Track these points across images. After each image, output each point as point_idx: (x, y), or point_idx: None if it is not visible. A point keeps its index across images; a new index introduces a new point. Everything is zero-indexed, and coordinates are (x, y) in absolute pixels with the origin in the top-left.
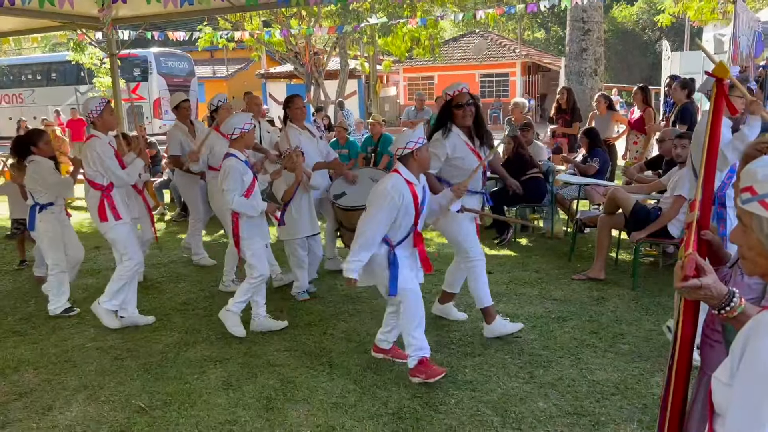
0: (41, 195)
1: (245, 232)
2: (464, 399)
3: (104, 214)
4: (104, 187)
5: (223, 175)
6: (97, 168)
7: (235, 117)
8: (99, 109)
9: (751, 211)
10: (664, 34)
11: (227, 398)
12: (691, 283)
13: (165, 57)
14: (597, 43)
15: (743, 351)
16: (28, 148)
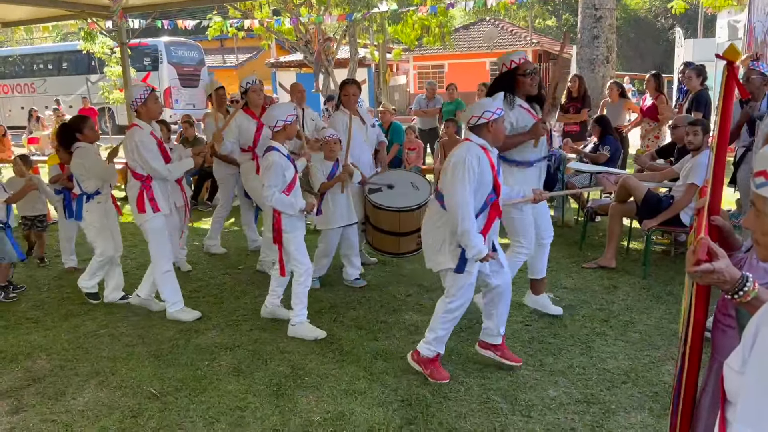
0: (89, 183)
1: (287, 226)
2: (474, 386)
3: (142, 204)
4: (144, 178)
5: (265, 170)
6: (134, 158)
7: (278, 108)
8: (143, 97)
9: (765, 195)
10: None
11: (238, 384)
12: (703, 267)
13: (175, 46)
14: (609, 30)
15: (755, 338)
16: (74, 134)
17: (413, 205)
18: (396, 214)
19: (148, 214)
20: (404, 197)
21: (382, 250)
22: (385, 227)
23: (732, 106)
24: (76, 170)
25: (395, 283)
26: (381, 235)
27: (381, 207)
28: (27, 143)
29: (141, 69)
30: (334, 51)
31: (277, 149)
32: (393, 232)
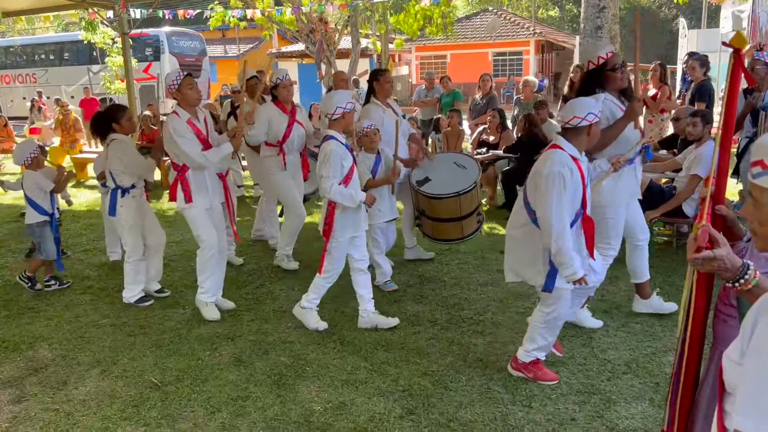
0: (124, 177)
1: (339, 222)
2: (474, 376)
3: (175, 193)
4: (180, 167)
5: (323, 160)
6: (171, 147)
7: (337, 95)
8: (176, 84)
9: (762, 185)
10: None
11: (239, 374)
12: (704, 255)
13: (177, 36)
14: (612, 20)
15: (753, 329)
16: (109, 125)
17: (469, 185)
18: (456, 200)
19: (180, 204)
20: (455, 179)
21: (446, 239)
22: (445, 215)
23: (738, 93)
24: (112, 165)
25: (396, 273)
26: (442, 225)
27: (439, 197)
28: (29, 134)
29: (142, 59)
30: (335, 41)
31: (335, 138)
32: (454, 218)
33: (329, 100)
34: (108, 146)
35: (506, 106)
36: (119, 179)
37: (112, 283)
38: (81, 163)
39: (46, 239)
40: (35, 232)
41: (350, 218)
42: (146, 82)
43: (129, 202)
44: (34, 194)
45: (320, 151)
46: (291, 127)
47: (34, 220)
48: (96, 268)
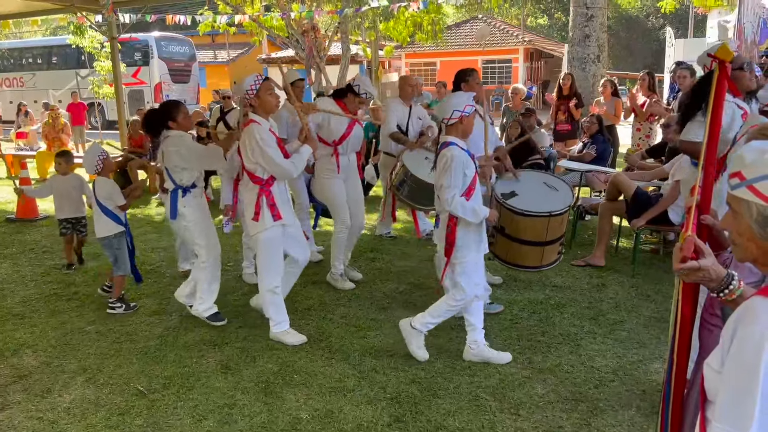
0: (185, 174)
1: (462, 239)
2: (462, 384)
3: (259, 212)
4: (264, 181)
5: (443, 167)
6: (256, 158)
7: (455, 98)
8: (254, 89)
9: (740, 196)
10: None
11: (226, 382)
12: (689, 265)
13: (166, 41)
14: (600, 29)
15: (732, 338)
16: (165, 122)
17: (563, 207)
18: (545, 220)
19: (266, 223)
20: (545, 199)
21: (520, 264)
22: (528, 236)
23: (723, 104)
24: (170, 161)
25: (385, 280)
26: (521, 248)
27: (528, 213)
28: (15, 138)
29: (131, 64)
30: (326, 47)
31: (456, 143)
32: (537, 242)
33: (447, 103)
34: (162, 143)
35: (495, 113)
36: (179, 177)
37: (98, 289)
38: None
39: (124, 252)
40: (112, 245)
41: (474, 236)
42: (135, 86)
43: (191, 201)
44: (108, 202)
45: (439, 158)
46: (351, 127)
47: (109, 232)
48: (82, 274)
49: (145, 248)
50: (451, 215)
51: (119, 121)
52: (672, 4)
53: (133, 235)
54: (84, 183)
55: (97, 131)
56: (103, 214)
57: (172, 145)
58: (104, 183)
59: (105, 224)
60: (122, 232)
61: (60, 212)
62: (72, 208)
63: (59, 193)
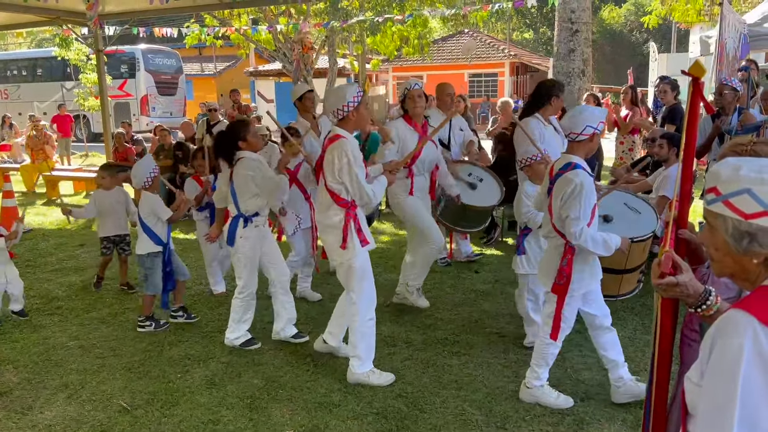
0: (252, 202)
1: (578, 272)
2: (449, 398)
3: (347, 238)
4: (349, 204)
5: (570, 195)
6: (343, 177)
7: (587, 111)
8: (356, 101)
9: (716, 211)
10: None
11: (210, 397)
12: (667, 281)
13: (153, 54)
14: (585, 44)
15: (711, 351)
16: (235, 143)
17: (647, 232)
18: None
19: (355, 250)
20: (629, 223)
21: None
22: (606, 263)
23: (697, 120)
24: (243, 187)
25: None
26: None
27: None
28: None
29: (117, 76)
30: (313, 61)
31: (581, 167)
32: (615, 270)
33: (578, 116)
34: (235, 166)
35: (482, 126)
36: (245, 204)
37: (82, 303)
38: (53, 181)
39: (156, 272)
40: (145, 263)
41: (589, 267)
42: (121, 99)
43: (250, 233)
44: (149, 219)
45: (563, 183)
46: (421, 148)
47: (146, 250)
48: (65, 288)
49: (132, 262)
50: (568, 247)
51: (105, 134)
52: (655, 20)
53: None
54: (128, 198)
55: (82, 144)
56: (144, 231)
57: (248, 169)
58: (149, 198)
59: (144, 242)
60: (158, 252)
61: (102, 230)
62: (115, 225)
63: (103, 210)
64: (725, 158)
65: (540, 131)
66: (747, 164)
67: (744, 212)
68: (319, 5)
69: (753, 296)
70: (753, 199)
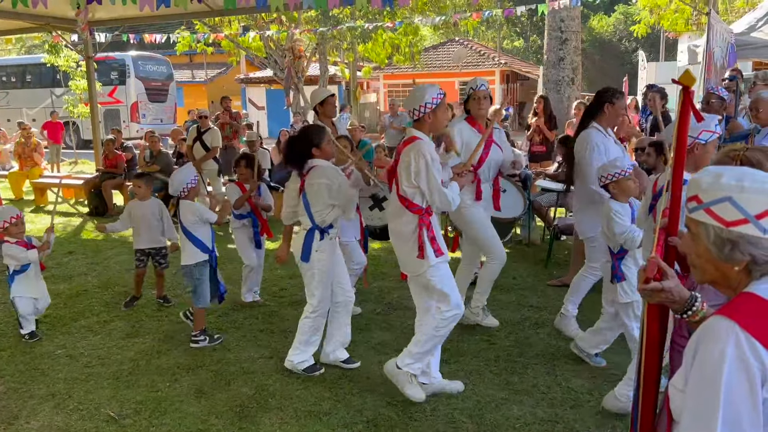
0: (328, 213)
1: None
2: (439, 406)
3: (422, 247)
4: (423, 210)
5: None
6: (420, 182)
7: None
8: (435, 102)
9: (698, 219)
10: (640, 45)
11: (199, 406)
12: (652, 286)
13: (143, 60)
14: (574, 52)
15: (694, 357)
16: (309, 150)
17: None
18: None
19: (431, 260)
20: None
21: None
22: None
23: (688, 129)
24: (318, 196)
25: (362, 301)
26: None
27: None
28: None
29: (107, 83)
30: (304, 68)
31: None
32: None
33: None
34: (308, 175)
35: None
36: (321, 216)
37: (70, 312)
38: (41, 188)
39: (204, 282)
40: (193, 274)
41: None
42: (111, 105)
43: (326, 246)
44: (193, 227)
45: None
46: (488, 148)
47: (193, 260)
48: (53, 297)
49: (119, 270)
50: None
51: (94, 141)
52: (644, 29)
53: (108, 256)
54: (164, 209)
55: (71, 150)
56: (189, 240)
57: (323, 177)
58: (187, 206)
59: (190, 252)
60: (205, 261)
61: (138, 242)
62: (151, 237)
63: (138, 221)
64: (707, 167)
65: (603, 143)
66: (728, 172)
67: (725, 220)
68: (310, 13)
69: (735, 302)
70: (734, 206)
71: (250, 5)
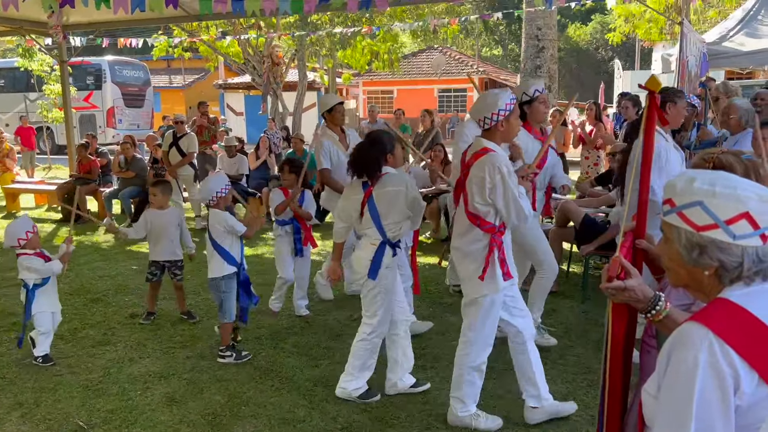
0: (404, 226)
1: None
2: (414, 412)
3: (487, 268)
4: (496, 228)
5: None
6: (495, 198)
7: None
8: (509, 108)
9: (671, 222)
10: (616, 54)
11: (171, 415)
12: (615, 284)
13: (120, 65)
14: (551, 60)
15: (667, 363)
16: (382, 157)
17: None
18: None
19: (498, 284)
20: None
21: None
22: None
23: (654, 133)
24: (388, 205)
25: (339, 308)
26: None
27: None
28: None
29: (83, 88)
30: (283, 74)
31: None
32: None
33: None
34: (377, 185)
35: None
36: (394, 228)
37: None
38: (12, 194)
39: (231, 296)
40: (219, 287)
41: None
42: (86, 111)
43: (394, 262)
44: (222, 238)
45: None
46: (546, 154)
47: (220, 273)
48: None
49: (91, 276)
50: None
51: (68, 146)
52: (619, 37)
53: (81, 263)
54: (183, 219)
55: (45, 156)
56: (216, 252)
57: (398, 185)
58: (217, 215)
59: (217, 264)
60: (233, 274)
61: (154, 253)
62: (169, 248)
63: (155, 231)
64: (684, 171)
65: (665, 150)
66: (701, 177)
67: (696, 224)
68: (288, 19)
69: (708, 308)
70: (704, 211)
71: (227, 10)
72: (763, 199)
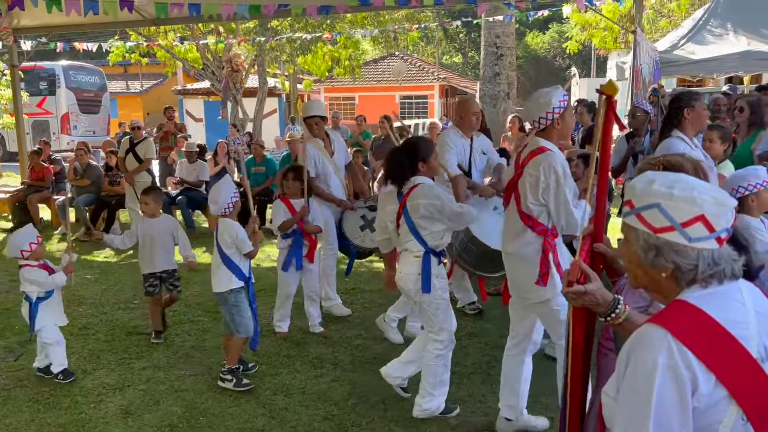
0: (440, 235)
1: None
2: (376, 419)
3: (547, 271)
4: (548, 231)
5: None
6: (548, 199)
7: None
8: (563, 105)
9: (630, 224)
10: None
11: (125, 428)
12: (575, 289)
13: (74, 70)
14: (510, 68)
15: (626, 366)
16: (415, 165)
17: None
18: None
19: (556, 288)
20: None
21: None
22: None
23: (611, 137)
24: (423, 217)
25: (300, 316)
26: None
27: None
28: None
29: (36, 93)
30: (242, 80)
31: None
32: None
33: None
34: (410, 195)
35: None
36: (435, 237)
37: None
38: None
39: (243, 308)
40: (228, 301)
41: None
42: (40, 117)
43: (442, 271)
44: (231, 251)
45: None
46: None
47: (228, 287)
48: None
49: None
50: None
51: (20, 153)
52: (575, 45)
53: None
54: (179, 227)
55: None
56: (224, 265)
57: (430, 198)
58: (229, 227)
59: (225, 277)
60: (241, 288)
61: (148, 265)
62: (165, 258)
63: (148, 241)
64: (645, 173)
65: (685, 146)
66: (660, 179)
67: (653, 226)
68: (248, 24)
69: (667, 310)
70: (662, 213)
71: (183, 14)
72: (718, 202)
